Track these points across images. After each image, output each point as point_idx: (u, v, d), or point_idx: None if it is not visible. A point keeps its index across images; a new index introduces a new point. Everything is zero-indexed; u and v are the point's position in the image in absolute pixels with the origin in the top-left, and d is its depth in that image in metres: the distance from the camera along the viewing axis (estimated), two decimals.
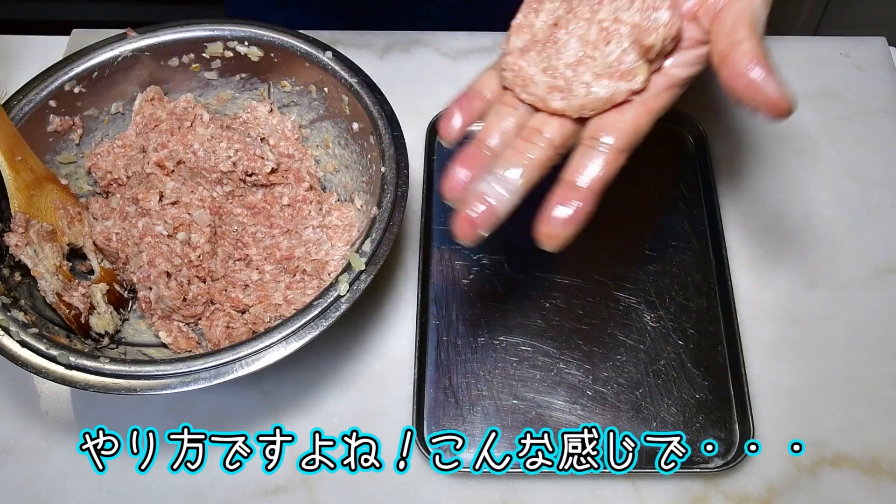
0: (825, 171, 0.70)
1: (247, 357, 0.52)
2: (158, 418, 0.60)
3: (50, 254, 0.59)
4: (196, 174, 0.64)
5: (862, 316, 0.63)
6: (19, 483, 0.58)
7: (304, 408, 0.61)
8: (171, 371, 0.52)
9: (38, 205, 0.60)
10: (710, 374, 0.61)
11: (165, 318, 0.61)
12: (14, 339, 0.53)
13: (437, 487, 0.57)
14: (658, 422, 0.59)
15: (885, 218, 0.68)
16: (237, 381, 0.52)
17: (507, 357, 0.62)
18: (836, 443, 0.58)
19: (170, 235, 0.60)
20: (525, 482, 0.57)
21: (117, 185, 0.66)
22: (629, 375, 0.61)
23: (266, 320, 0.60)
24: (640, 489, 0.57)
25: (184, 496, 0.57)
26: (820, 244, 0.67)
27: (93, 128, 0.66)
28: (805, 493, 0.57)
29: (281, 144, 0.67)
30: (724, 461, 0.57)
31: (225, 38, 0.65)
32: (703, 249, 0.66)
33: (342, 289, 0.54)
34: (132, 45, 0.65)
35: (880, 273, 0.65)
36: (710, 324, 0.63)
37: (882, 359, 0.62)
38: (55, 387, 0.61)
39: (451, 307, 0.64)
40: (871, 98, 0.74)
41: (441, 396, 0.60)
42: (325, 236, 0.63)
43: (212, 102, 0.69)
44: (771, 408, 0.60)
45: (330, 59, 0.64)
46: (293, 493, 0.57)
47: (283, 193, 0.65)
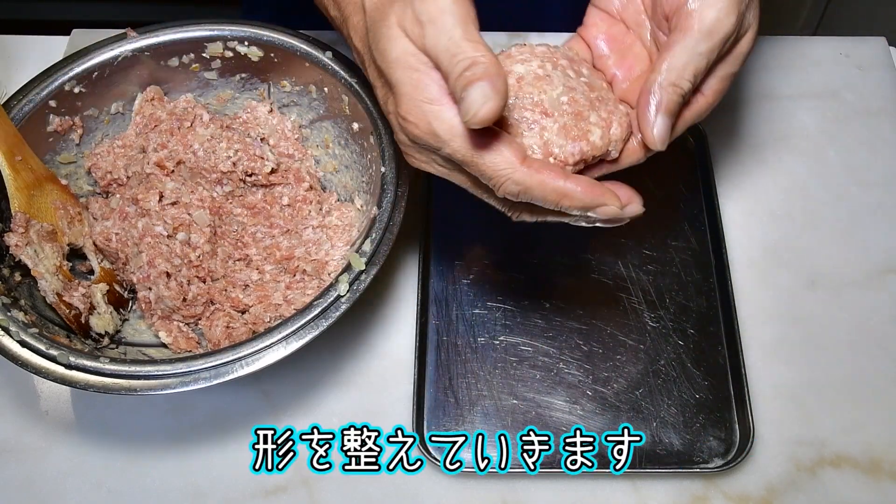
0: (825, 171, 0.70)
1: (247, 357, 0.52)
2: (159, 418, 0.60)
3: (50, 254, 0.59)
4: (196, 174, 0.64)
5: (862, 316, 0.63)
6: (19, 483, 0.58)
7: (304, 408, 0.61)
8: (171, 371, 0.52)
9: (39, 205, 0.60)
10: (710, 374, 0.61)
11: (165, 318, 0.61)
12: (14, 339, 0.53)
13: (437, 487, 0.57)
14: (658, 422, 0.59)
15: (885, 218, 0.68)
16: (237, 381, 0.52)
17: (507, 357, 0.62)
18: (836, 443, 0.58)
19: (170, 236, 0.60)
20: (525, 482, 0.57)
21: (117, 185, 0.66)
22: (629, 375, 0.61)
23: (266, 320, 0.60)
24: (640, 489, 0.57)
25: (184, 496, 0.57)
26: (820, 244, 0.67)
27: (93, 128, 0.66)
28: (805, 493, 0.57)
29: (281, 144, 0.67)
30: (724, 461, 0.57)
31: (225, 38, 0.65)
32: (703, 249, 0.66)
33: (342, 289, 0.54)
34: (132, 45, 0.65)
35: (880, 273, 0.65)
36: (710, 324, 0.63)
37: (882, 359, 0.62)
38: (55, 387, 0.61)
39: (451, 307, 0.64)
40: (871, 98, 0.74)
41: (441, 396, 0.60)
42: (325, 236, 0.63)
43: (212, 102, 0.69)
44: (771, 408, 0.60)
45: (330, 59, 0.64)
46: (293, 493, 0.57)
47: (283, 193, 0.65)
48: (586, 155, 0.49)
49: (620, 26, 0.53)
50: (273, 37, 0.65)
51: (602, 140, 0.49)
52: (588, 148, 0.49)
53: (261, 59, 0.66)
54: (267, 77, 0.67)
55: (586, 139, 0.49)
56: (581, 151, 0.48)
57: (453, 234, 0.67)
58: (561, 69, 0.51)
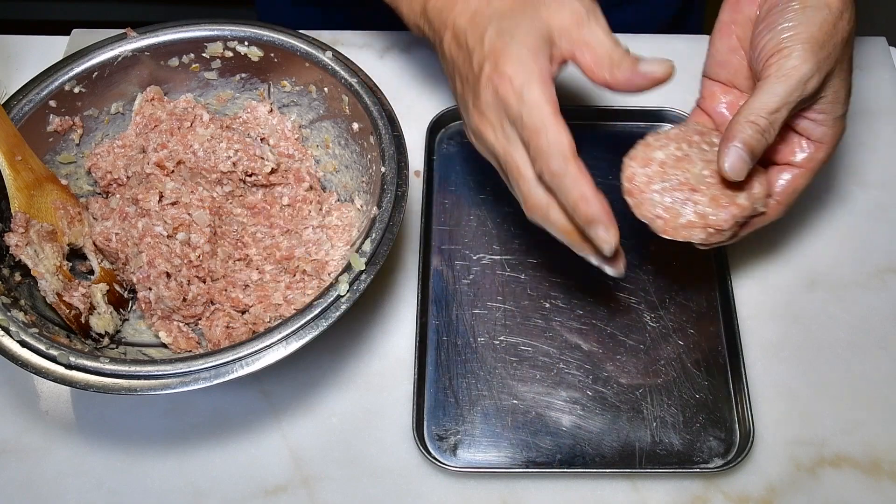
0: (825, 171, 0.70)
1: (247, 357, 0.52)
2: (159, 418, 0.60)
3: (50, 254, 0.59)
4: (196, 174, 0.64)
5: (862, 316, 0.63)
6: (19, 483, 0.58)
7: (304, 408, 0.61)
8: (171, 371, 0.52)
9: (39, 205, 0.60)
10: (710, 374, 0.61)
11: (165, 319, 0.61)
12: (14, 339, 0.53)
13: (437, 487, 0.57)
14: (658, 422, 0.59)
15: (885, 218, 0.68)
16: (237, 381, 0.52)
17: (507, 357, 0.62)
18: (836, 443, 0.58)
19: (170, 236, 0.60)
20: (525, 482, 0.57)
21: (117, 186, 0.66)
22: (629, 375, 0.61)
23: (266, 320, 0.60)
24: (640, 489, 0.57)
25: (184, 496, 0.57)
26: (820, 244, 0.67)
27: (93, 128, 0.66)
28: (805, 493, 0.57)
29: (281, 144, 0.67)
30: (724, 461, 0.57)
31: (225, 38, 0.65)
32: (703, 249, 0.66)
33: (342, 289, 0.54)
34: (132, 45, 0.65)
35: (880, 273, 0.65)
36: (710, 324, 0.63)
37: (882, 359, 0.62)
38: (55, 387, 0.61)
39: (451, 307, 0.64)
40: (871, 98, 0.74)
41: (441, 396, 0.60)
42: (325, 236, 0.63)
43: (212, 102, 0.69)
44: (771, 408, 0.60)
45: (330, 59, 0.64)
46: (293, 493, 0.57)
47: (283, 193, 0.65)
48: (738, 217, 0.54)
49: (735, 92, 0.58)
50: (273, 37, 0.65)
51: (748, 200, 0.54)
52: (738, 211, 0.53)
53: (261, 59, 0.66)
54: (267, 77, 0.67)
55: (735, 204, 0.53)
56: (733, 216, 0.53)
57: (453, 234, 0.67)
58: (696, 145, 0.56)
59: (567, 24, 0.52)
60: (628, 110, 0.72)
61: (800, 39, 0.51)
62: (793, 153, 0.56)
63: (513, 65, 0.51)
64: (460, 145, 0.71)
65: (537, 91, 0.50)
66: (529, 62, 0.51)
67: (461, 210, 0.68)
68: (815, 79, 0.51)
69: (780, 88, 0.51)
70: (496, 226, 0.67)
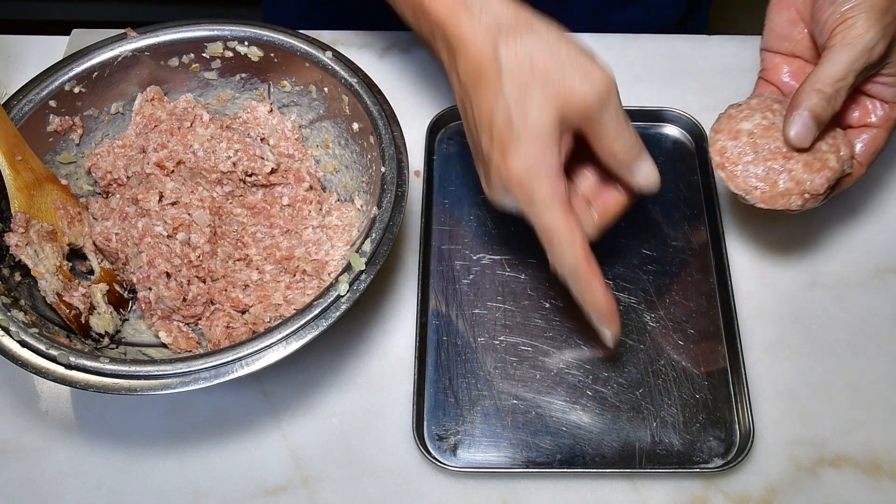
0: None
1: (247, 357, 0.52)
2: (159, 418, 0.60)
3: (50, 254, 0.59)
4: (196, 174, 0.64)
5: (862, 316, 0.63)
6: (19, 483, 0.58)
7: (304, 408, 0.61)
8: (171, 371, 0.52)
9: (39, 205, 0.60)
10: (710, 374, 0.61)
11: (165, 319, 0.61)
12: (14, 339, 0.53)
13: (438, 487, 0.57)
14: (658, 422, 0.59)
15: (885, 218, 0.68)
16: (237, 381, 0.52)
17: (507, 357, 0.62)
18: (836, 443, 0.58)
19: (169, 236, 0.60)
20: (525, 482, 0.57)
21: (117, 186, 0.66)
22: (629, 375, 0.61)
23: (266, 320, 0.60)
24: (640, 489, 0.57)
25: (184, 496, 0.57)
26: (820, 244, 0.67)
27: (93, 128, 0.66)
28: (805, 493, 0.57)
29: (281, 144, 0.67)
30: (724, 461, 0.57)
31: (225, 38, 0.65)
32: (703, 249, 0.66)
33: (342, 289, 0.54)
34: (132, 45, 0.65)
35: (880, 273, 0.65)
36: (710, 324, 0.63)
37: (882, 359, 0.62)
38: (55, 387, 0.61)
39: (451, 307, 0.64)
40: None
41: (441, 396, 0.60)
42: (325, 236, 0.63)
43: (212, 102, 0.69)
44: (771, 408, 0.60)
45: (330, 59, 0.64)
46: (293, 493, 0.57)
47: (283, 193, 0.65)
48: (831, 181, 0.55)
49: (798, 62, 0.60)
50: (273, 37, 0.65)
51: (838, 163, 0.55)
52: (831, 174, 0.55)
53: (261, 59, 0.66)
54: (267, 77, 0.67)
55: (827, 167, 0.55)
56: (827, 179, 0.55)
57: (453, 235, 0.67)
58: (778, 113, 0.57)
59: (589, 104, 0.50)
60: (628, 110, 0.72)
61: (863, 9, 0.52)
62: (868, 115, 0.58)
63: (519, 162, 0.50)
64: (460, 145, 0.71)
65: (546, 189, 0.50)
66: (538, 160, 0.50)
67: (461, 210, 0.68)
68: (880, 45, 0.53)
69: (844, 56, 0.52)
70: (496, 226, 0.67)
